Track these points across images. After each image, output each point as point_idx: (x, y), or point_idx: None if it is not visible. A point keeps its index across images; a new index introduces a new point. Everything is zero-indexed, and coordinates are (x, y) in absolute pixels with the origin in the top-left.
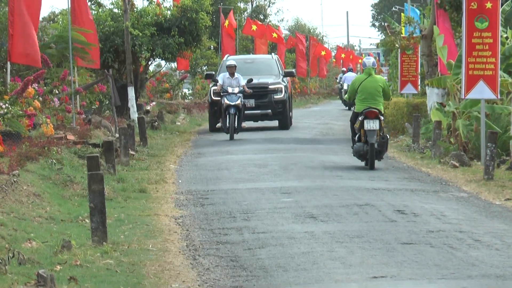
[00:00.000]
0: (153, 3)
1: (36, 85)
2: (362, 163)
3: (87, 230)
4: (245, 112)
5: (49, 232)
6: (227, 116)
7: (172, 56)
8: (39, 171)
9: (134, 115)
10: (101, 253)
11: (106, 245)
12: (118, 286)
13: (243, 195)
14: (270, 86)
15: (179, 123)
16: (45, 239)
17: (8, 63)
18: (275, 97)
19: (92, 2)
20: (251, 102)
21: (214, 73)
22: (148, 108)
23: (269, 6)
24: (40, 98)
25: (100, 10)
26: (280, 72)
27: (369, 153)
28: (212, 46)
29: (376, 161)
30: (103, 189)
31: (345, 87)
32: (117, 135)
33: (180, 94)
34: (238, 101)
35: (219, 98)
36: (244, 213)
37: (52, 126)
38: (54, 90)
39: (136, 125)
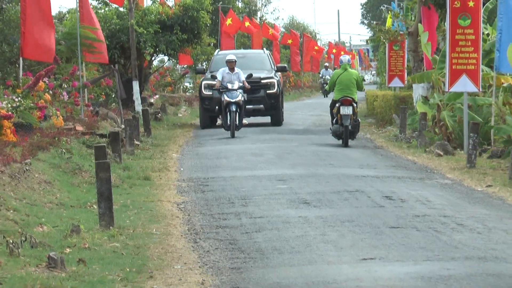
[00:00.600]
0: (156, 2)
1: (47, 79)
2: (339, 142)
3: (95, 215)
4: None
5: (59, 217)
6: (228, 113)
7: (174, 52)
8: (50, 160)
9: (139, 107)
10: (108, 236)
11: (113, 229)
12: (124, 268)
13: (241, 182)
14: (262, 81)
15: (180, 115)
16: (56, 223)
17: (20, 58)
18: (268, 92)
19: (99, 2)
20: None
21: (204, 67)
22: (152, 100)
23: (265, 5)
24: (51, 92)
25: (106, 8)
26: (272, 67)
27: (344, 133)
28: (212, 43)
29: (350, 140)
30: (110, 177)
31: (326, 76)
32: (122, 126)
33: (181, 87)
34: (239, 98)
35: (211, 93)
36: (242, 199)
37: (61, 117)
38: (64, 84)
39: (141, 117)
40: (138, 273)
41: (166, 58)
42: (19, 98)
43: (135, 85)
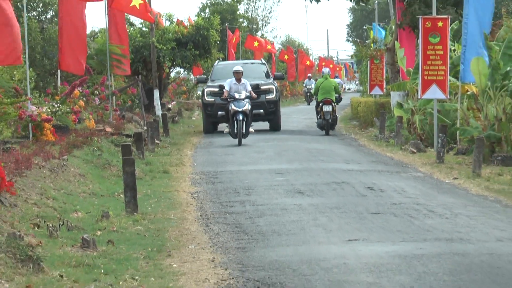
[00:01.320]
0: (173, 22)
1: (81, 88)
2: (323, 132)
3: (121, 203)
4: None
5: (92, 205)
6: (235, 122)
7: (188, 65)
8: (83, 156)
9: (159, 112)
10: (133, 221)
11: (137, 215)
12: (146, 248)
13: (245, 175)
14: (262, 87)
15: (194, 118)
16: (88, 210)
17: (58, 70)
18: (267, 97)
19: (126, 22)
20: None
21: (206, 77)
22: (170, 106)
23: (265, 25)
24: (84, 99)
25: (132, 28)
26: (270, 75)
27: (326, 125)
28: (220, 58)
29: (331, 131)
30: (134, 171)
31: (309, 86)
32: (145, 127)
33: (195, 95)
34: (246, 107)
35: (213, 99)
36: (246, 189)
37: (93, 120)
38: (95, 92)
39: (160, 120)
40: (158, 252)
41: (181, 70)
42: (58, 104)
43: (156, 93)
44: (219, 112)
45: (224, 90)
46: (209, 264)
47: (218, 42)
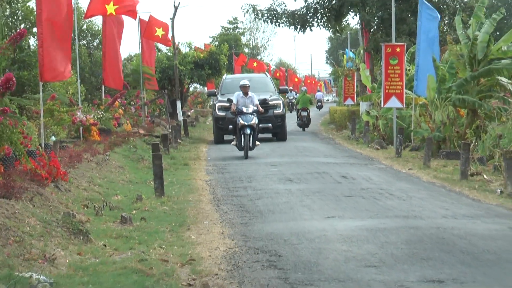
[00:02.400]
0: (192, 49)
1: (120, 99)
2: (301, 129)
3: (151, 188)
4: None
5: (128, 190)
6: (242, 135)
7: (203, 82)
8: (122, 152)
9: (180, 118)
10: (160, 202)
11: (164, 198)
12: (171, 223)
13: (247, 167)
14: (270, 102)
15: (208, 123)
16: (126, 194)
17: (103, 86)
18: (274, 112)
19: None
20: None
21: (215, 91)
22: (189, 113)
23: (263, 51)
24: (123, 108)
25: (159, 53)
26: (275, 89)
27: (303, 125)
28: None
29: (306, 128)
30: (161, 163)
31: (293, 101)
32: (170, 130)
33: (208, 105)
34: (253, 121)
35: (224, 114)
36: (247, 178)
37: (130, 125)
38: (131, 103)
39: (182, 124)
40: (180, 226)
41: (198, 85)
42: (102, 112)
43: (178, 103)
44: (230, 126)
45: (231, 103)
46: (220, 236)
47: (226, 63)
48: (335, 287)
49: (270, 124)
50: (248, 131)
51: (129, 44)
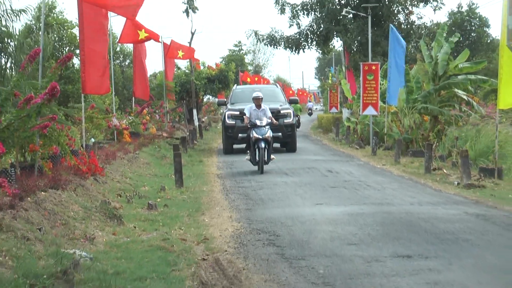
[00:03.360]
0: (205, 67)
1: (147, 108)
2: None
3: (173, 181)
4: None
5: (154, 182)
6: (257, 149)
7: (215, 94)
8: (149, 151)
9: (196, 123)
10: (180, 192)
11: (182, 188)
12: (188, 209)
13: (250, 163)
14: (281, 111)
15: (219, 127)
16: (152, 185)
17: (133, 98)
18: (285, 121)
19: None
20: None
21: (224, 100)
22: (203, 120)
23: (264, 69)
24: (149, 115)
25: (179, 70)
26: (285, 99)
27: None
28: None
29: (298, 129)
30: (181, 160)
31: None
32: (188, 133)
33: (219, 112)
34: (267, 134)
35: (234, 122)
36: (251, 172)
37: (155, 129)
38: (156, 111)
39: (197, 128)
40: (196, 211)
41: (210, 97)
42: (132, 118)
43: (194, 111)
44: (240, 135)
45: (244, 116)
46: (228, 219)
47: (233, 78)
48: (322, 262)
49: (280, 134)
50: (263, 145)
51: (154, 62)
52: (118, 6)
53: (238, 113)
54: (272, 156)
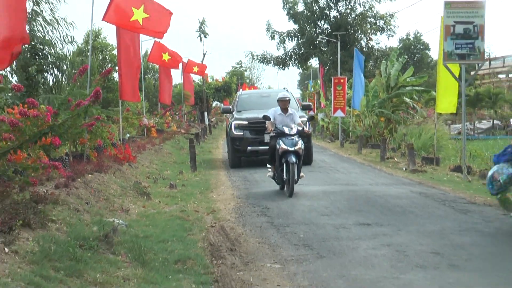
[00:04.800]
0: (214, 79)
1: (169, 111)
2: None
3: (188, 166)
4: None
5: (174, 167)
6: (285, 165)
7: (221, 100)
8: (170, 144)
9: (207, 122)
10: (194, 175)
11: (196, 172)
12: (200, 188)
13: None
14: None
15: (224, 126)
16: (173, 170)
17: (159, 103)
18: (299, 130)
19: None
20: None
21: (229, 107)
22: (212, 120)
23: (257, 81)
24: (171, 116)
25: (194, 82)
26: (298, 105)
27: None
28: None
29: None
30: (195, 150)
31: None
32: (200, 130)
33: (224, 115)
34: (298, 145)
35: (241, 133)
36: (248, 162)
37: (175, 127)
38: (176, 113)
39: (207, 127)
40: (206, 190)
41: (217, 102)
42: (158, 119)
43: (205, 114)
44: (249, 148)
45: (267, 122)
46: (231, 196)
47: (235, 88)
48: (302, 228)
49: None
50: (293, 159)
51: (174, 76)
52: (148, 30)
53: (246, 122)
54: (301, 174)
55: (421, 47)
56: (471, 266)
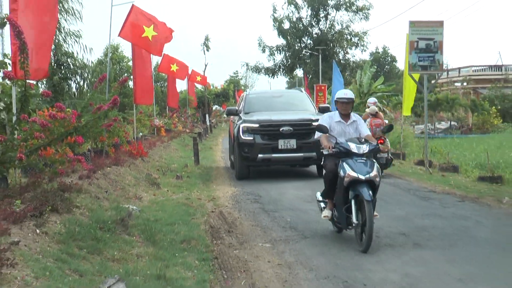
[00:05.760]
0: (214, 86)
1: (176, 113)
2: None
3: (192, 160)
4: (285, 155)
5: (180, 161)
6: (353, 202)
7: (220, 104)
8: (177, 141)
9: (208, 123)
10: (197, 168)
11: (199, 165)
12: (203, 179)
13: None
14: (314, 123)
15: (223, 126)
16: (179, 163)
17: (167, 107)
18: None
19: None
20: (292, 143)
21: (237, 108)
22: (212, 121)
23: (251, 88)
24: (177, 118)
25: (197, 89)
26: (314, 107)
27: None
28: (234, 101)
29: None
30: (198, 147)
31: None
32: (202, 130)
33: (223, 117)
34: (374, 172)
35: (251, 138)
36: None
37: (181, 127)
38: (182, 115)
39: (208, 127)
40: (207, 180)
41: (217, 106)
42: (166, 120)
43: (207, 116)
44: (260, 155)
45: (321, 136)
46: (229, 186)
47: (232, 94)
48: (289, 213)
49: (314, 153)
50: (367, 194)
51: (179, 83)
52: (155, 47)
53: (257, 125)
54: (374, 213)
55: (389, 59)
56: (432, 244)
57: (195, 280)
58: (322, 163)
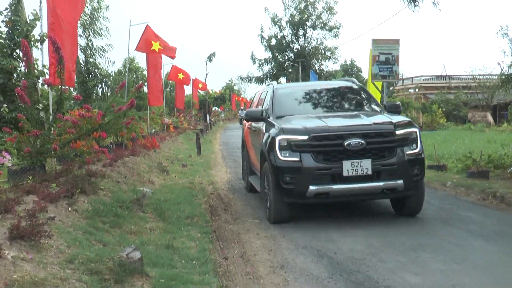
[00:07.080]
0: (213, 91)
1: (182, 113)
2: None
3: (195, 152)
4: (353, 186)
5: (185, 152)
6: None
7: (218, 106)
8: (183, 136)
9: (208, 121)
10: (199, 158)
11: (201, 156)
12: (204, 167)
13: (237, 143)
14: (398, 131)
15: (221, 122)
16: (184, 154)
17: (175, 108)
18: (408, 152)
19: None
20: (365, 166)
21: (262, 111)
22: (212, 119)
23: (243, 93)
24: (183, 117)
25: (199, 94)
26: (380, 106)
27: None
28: (230, 103)
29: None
30: (200, 141)
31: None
32: (203, 127)
33: (221, 116)
34: None
35: (297, 159)
36: (238, 148)
37: (186, 124)
38: (187, 114)
39: (209, 124)
40: (207, 168)
41: (216, 107)
42: (174, 119)
43: (207, 115)
44: (311, 187)
45: None
46: (225, 172)
47: (229, 98)
48: None
49: (401, 181)
50: None
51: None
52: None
53: (306, 137)
54: None
55: (356, 70)
56: (391, 220)
57: (197, 249)
58: None
